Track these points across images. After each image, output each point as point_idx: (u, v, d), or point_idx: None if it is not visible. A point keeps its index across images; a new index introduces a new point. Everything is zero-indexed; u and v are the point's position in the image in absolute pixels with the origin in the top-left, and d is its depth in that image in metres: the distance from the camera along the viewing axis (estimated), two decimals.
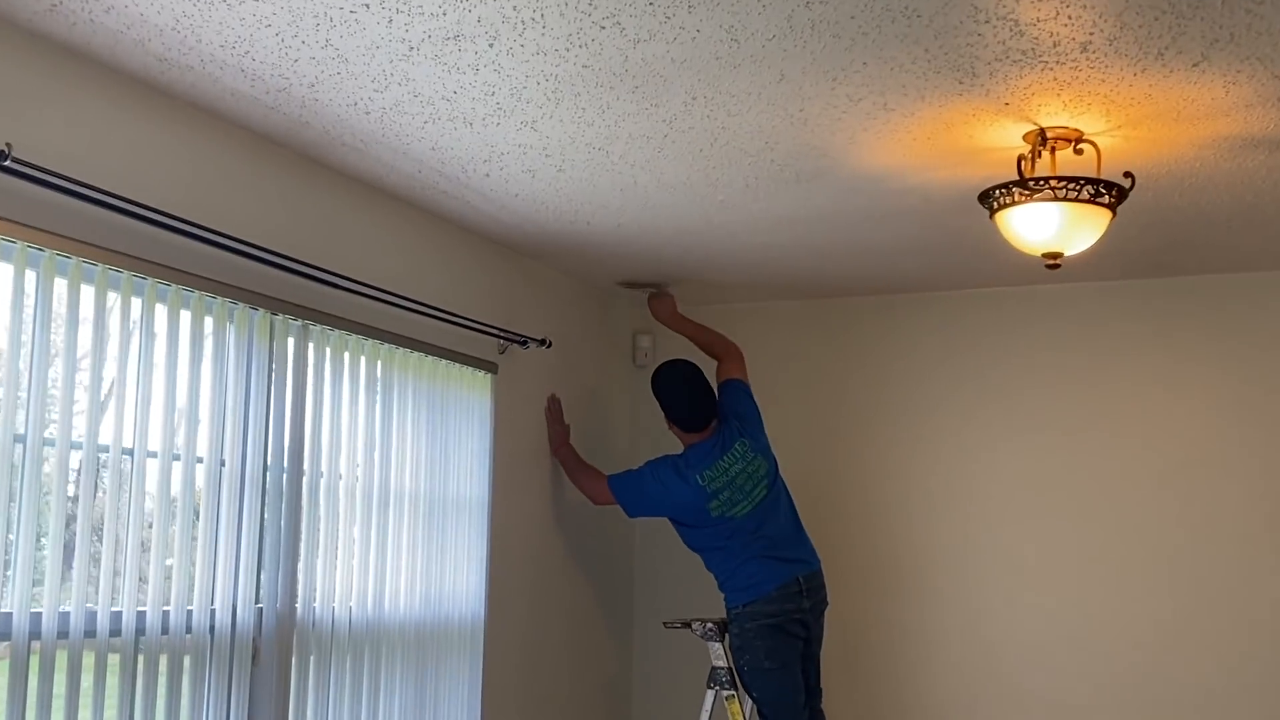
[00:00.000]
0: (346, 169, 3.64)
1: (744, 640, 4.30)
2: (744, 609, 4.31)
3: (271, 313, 3.42)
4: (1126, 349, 4.87)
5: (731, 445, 4.40)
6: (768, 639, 4.28)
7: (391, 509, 3.88)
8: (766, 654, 4.29)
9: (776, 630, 4.29)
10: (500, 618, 4.39)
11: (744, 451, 4.40)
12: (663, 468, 4.43)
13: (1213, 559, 4.66)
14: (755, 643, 4.29)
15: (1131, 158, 3.41)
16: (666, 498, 4.41)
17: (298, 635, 3.49)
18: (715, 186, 3.76)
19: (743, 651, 4.31)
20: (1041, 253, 3.28)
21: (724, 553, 4.37)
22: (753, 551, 4.34)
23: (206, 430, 3.24)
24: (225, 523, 3.28)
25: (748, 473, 4.38)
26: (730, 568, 4.36)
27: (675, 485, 4.37)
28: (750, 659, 4.30)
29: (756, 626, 4.28)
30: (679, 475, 4.37)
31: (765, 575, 4.31)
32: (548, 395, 4.74)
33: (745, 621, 4.30)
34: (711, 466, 4.34)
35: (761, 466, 4.42)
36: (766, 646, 4.29)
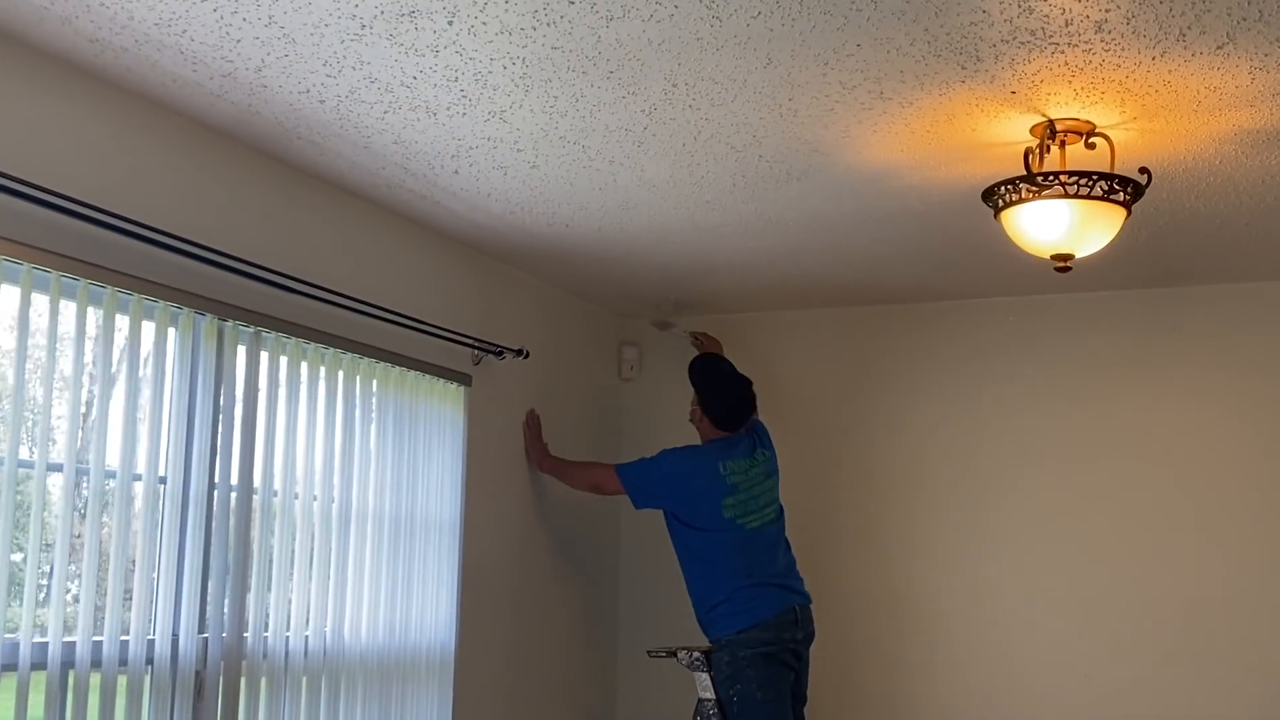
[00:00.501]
0: (304, 165, 3.40)
1: (735, 670, 4.07)
2: (738, 635, 4.08)
3: (220, 318, 3.18)
4: (1136, 362, 4.63)
5: (755, 451, 4.30)
6: (762, 669, 4.06)
7: (353, 530, 3.62)
8: (760, 685, 4.06)
9: (771, 660, 4.08)
10: (472, 647, 4.13)
11: (764, 463, 4.31)
12: (683, 452, 4.29)
13: (1230, 579, 4.40)
14: (748, 672, 4.06)
15: (1146, 154, 3.18)
16: (683, 483, 4.22)
17: (247, 667, 3.23)
18: (700, 186, 3.52)
19: (733, 681, 4.07)
20: (1051, 254, 3.04)
21: (724, 570, 4.15)
22: (756, 577, 4.15)
23: (145, 445, 2.98)
24: (166, 545, 3.03)
25: (764, 486, 4.27)
26: (728, 589, 4.13)
27: (695, 469, 4.21)
28: (742, 689, 4.06)
29: (751, 655, 4.06)
30: (702, 457, 4.23)
31: (767, 601, 4.13)
32: (527, 410, 4.49)
33: (739, 649, 4.07)
34: (735, 459, 4.23)
35: (774, 489, 4.33)
36: (760, 677, 4.06)
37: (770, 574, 4.19)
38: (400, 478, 3.83)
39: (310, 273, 3.45)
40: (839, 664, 4.64)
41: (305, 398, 3.47)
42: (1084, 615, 4.56)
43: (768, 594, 4.14)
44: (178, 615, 3.04)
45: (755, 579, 4.14)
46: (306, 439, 3.45)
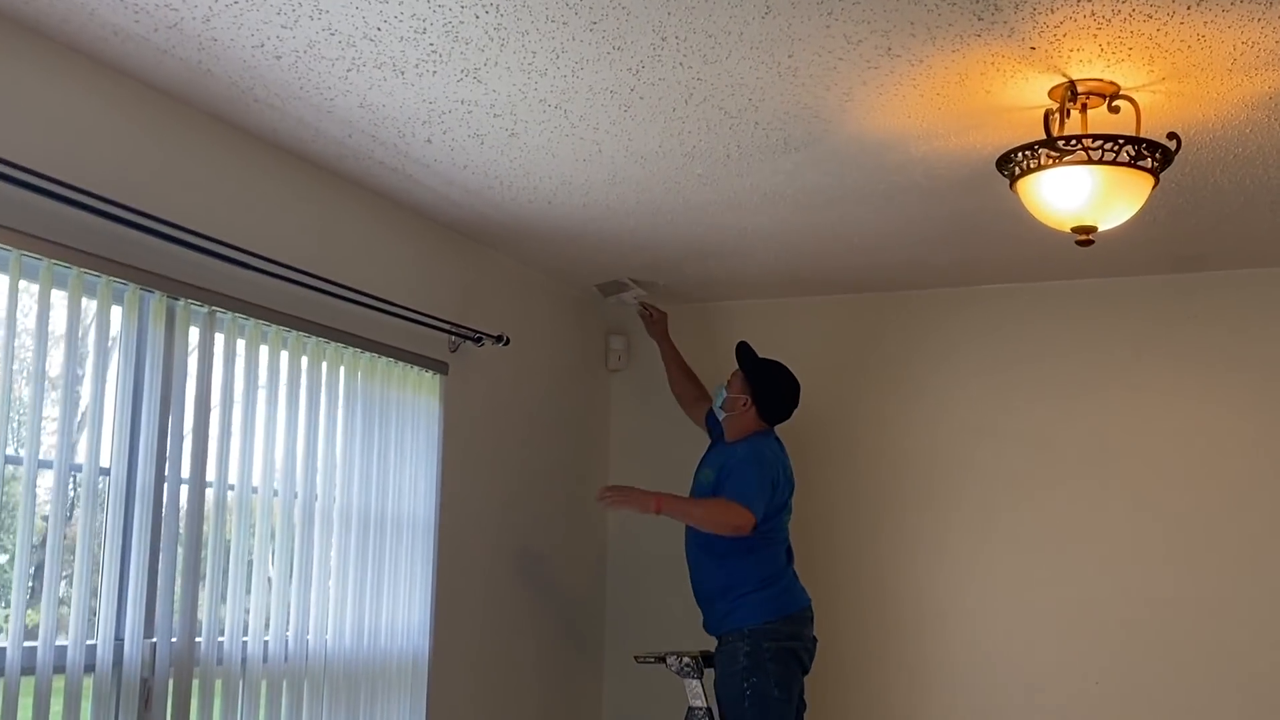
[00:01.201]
0: (263, 131, 3.15)
1: (756, 660, 3.84)
2: (764, 626, 3.87)
3: (170, 296, 2.92)
4: (1150, 352, 4.39)
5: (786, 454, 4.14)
6: (783, 665, 3.87)
7: (318, 528, 3.37)
8: (778, 682, 3.85)
9: (792, 657, 3.90)
10: (448, 652, 3.88)
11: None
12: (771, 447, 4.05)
13: (1249, 571, 4.18)
14: (769, 666, 3.84)
15: (1173, 120, 2.95)
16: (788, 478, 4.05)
17: (200, 674, 2.98)
18: (692, 156, 3.28)
19: (750, 674, 3.83)
20: (1072, 226, 2.80)
21: (763, 559, 3.96)
22: (787, 569, 4.03)
23: (87, 433, 2.74)
24: (109, 543, 2.78)
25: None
26: (763, 578, 3.94)
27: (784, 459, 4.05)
28: (759, 683, 3.83)
29: (775, 648, 3.86)
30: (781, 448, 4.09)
31: (795, 595, 4.01)
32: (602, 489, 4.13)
33: (763, 640, 3.86)
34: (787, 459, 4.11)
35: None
36: (779, 673, 3.86)
37: (791, 570, 4.05)
38: (370, 472, 3.58)
39: (272, 249, 3.20)
40: (833, 661, 4.39)
41: (265, 384, 3.22)
42: (1091, 611, 4.33)
43: (795, 588, 4.01)
44: (122, 618, 2.80)
45: (785, 572, 4.01)
46: (267, 429, 3.20)
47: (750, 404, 4.07)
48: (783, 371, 4.13)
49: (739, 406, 4.09)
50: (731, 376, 4.16)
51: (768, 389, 4.08)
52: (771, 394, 4.08)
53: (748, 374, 4.11)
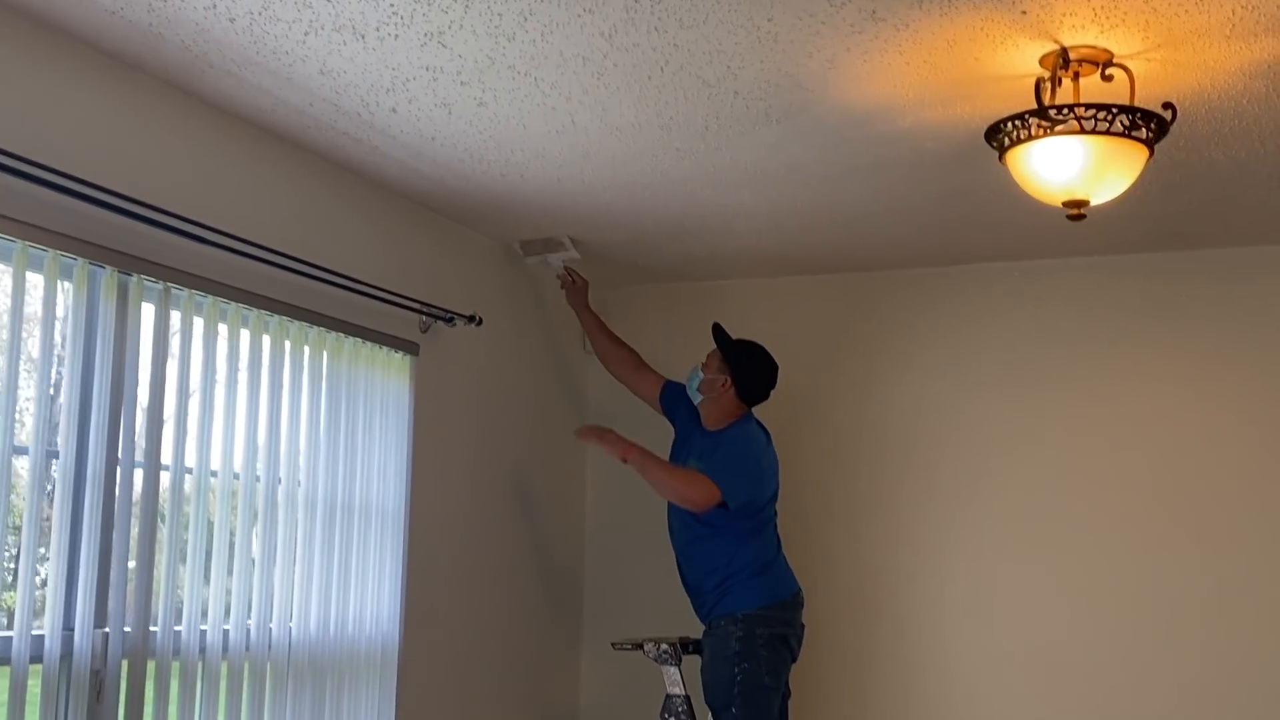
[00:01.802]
0: (220, 99, 3.01)
1: (748, 646, 3.74)
2: (757, 611, 3.78)
3: (123, 271, 2.79)
4: (1141, 331, 4.29)
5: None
6: (774, 652, 3.78)
7: (282, 514, 3.25)
8: (769, 669, 3.76)
9: (784, 644, 3.82)
10: (419, 641, 3.76)
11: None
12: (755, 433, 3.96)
13: (1241, 555, 4.09)
14: (761, 652, 3.75)
15: (1168, 89, 2.84)
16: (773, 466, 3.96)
17: (155, 665, 2.86)
18: (669, 129, 3.15)
19: (742, 659, 3.73)
20: (1063, 200, 2.69)
21: (757, 544, 3.87)
22: (778, 554, 3.94)
23: (32, 415, 2.61)
24: (57, 529, 2.65)
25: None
26: (756, 562, 3.84)
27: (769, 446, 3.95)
28: (750, 668, 3.73)
29: (768, 634, 3.76)
30: (765, 433, 3.98)
31: (787, 580, 3.92)
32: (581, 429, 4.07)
33: (756, 626, 3.76)
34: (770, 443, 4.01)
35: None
36: (771, 661, 3.77)
37: (781, 556, 3.95)
38: (337, 456, 3.46)
39: (232, 223, 3.07)
40: (817, 646, 4.29)
41: (225, 365, 3.09)
42: (1081, 594, 4.23)
43: (786, 575, 3.93)
44: (70, 607, 2.67)
45: (779, 556, 3.92)
46: (226, 411, 3.08)
47: (729, 385, 3.96)
48: (760, 351, 4.01)
49: (718, 388, 3.97)
50: (708, 357, 4.04)
51: (747, 369, 3.97)
52: (750, 374, 3.97)
53: (726, 354, 3.99)
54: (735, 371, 3.97)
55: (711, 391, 3.99)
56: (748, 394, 3.98)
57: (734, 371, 3.97)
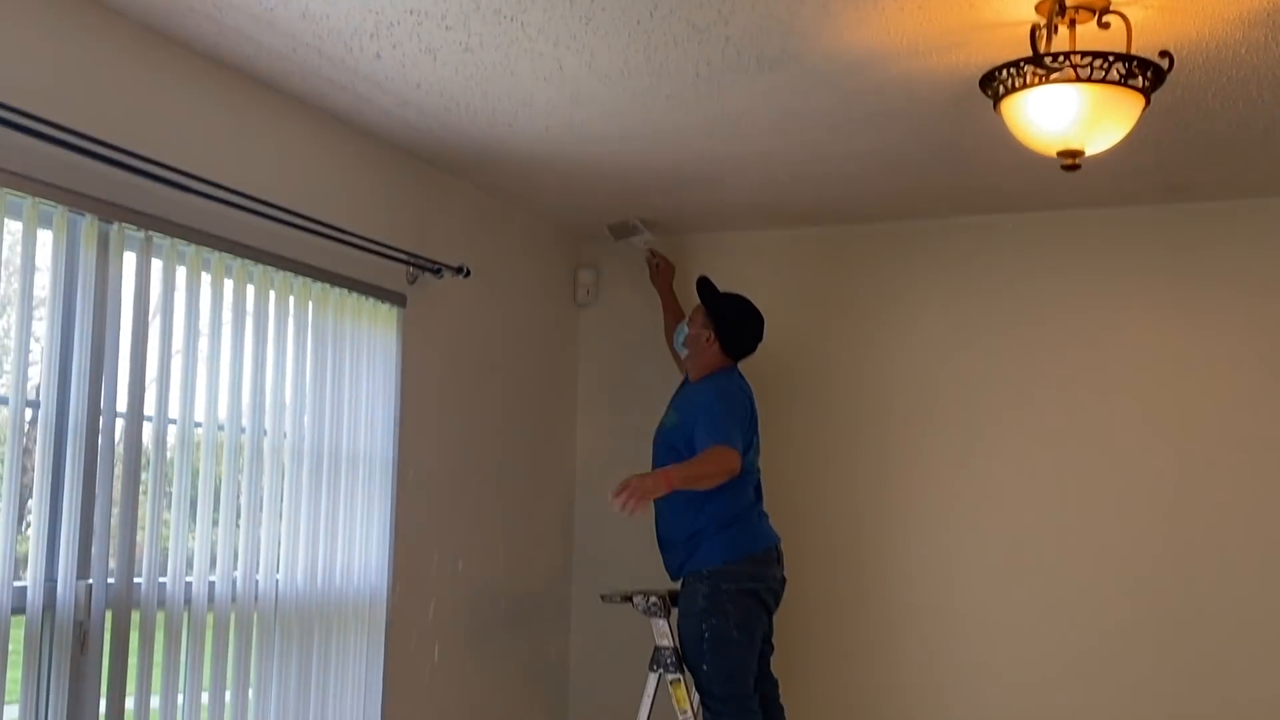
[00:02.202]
0: (202, 45, 2.95)
1: (715, 602, 3.73)
2: (724, 567, 3.75)
3: (103, 219, 2.75)
4: (1136, 286, 4.26)
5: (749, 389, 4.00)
6: (742, 606, 3.75)
7: (268, 464, 3.23)
8: (739, 623, 3.74)
9: (753, 598, 3.78)
10: (408, 592, 3.76)
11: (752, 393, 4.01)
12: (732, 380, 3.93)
13: (1236, 506, 4.08)
14: (728, 607, 3.73)
15: (1165, 38, 2.79)
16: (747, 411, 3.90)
17: (140, 616, 2.85)
18: (659, 76, 3.10)
19: (709, 615, 3.73)
20: (1058, 150, 2.65)
21: (726, 498, 3.79)
22: (751, 509, 3.87)
23: (13, 365, 2.57)
24: (39, 480, 2.63)
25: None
26: (724, 518, 3.79)
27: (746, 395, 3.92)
28: (718, 623, 3.72)
29: (735, 590, 3.74)
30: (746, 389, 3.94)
31: (758, 534, 3.86)
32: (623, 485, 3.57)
33: (723, 581, 3.74)
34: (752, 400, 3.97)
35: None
36: (740, 615, 3.75)
37: (759, 508, 3.92)
38: (323, 407, 3.43)
39: (215, 171, 3.02)
40: (801, 600, 4.30)
41: (208, 314, 3.05)
42: (1073, 551, 4.23)
43: (759, 527, 3.88)
44: (53, 558, 2.65)
45: (750, 511, 3.87)
46: (209, 361, 3.04)
47: (714, 339, 3.94)
48: (745, 304, 3.99)
49: (702, 342, 3.96)
50: (693, 312, 4.03)
51: (730, 322, 3.95)
52: (734, 327, 3.94)
53: (709, 308, 3.97)
54: (718, 324, 3.95)
55: (696, 345, 3.97)
56: (731, 347, 3.96)
57: (717, 325, 3.95)
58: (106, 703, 2.76)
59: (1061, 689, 4.19)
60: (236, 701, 3.09)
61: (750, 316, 3.97)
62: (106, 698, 2.76)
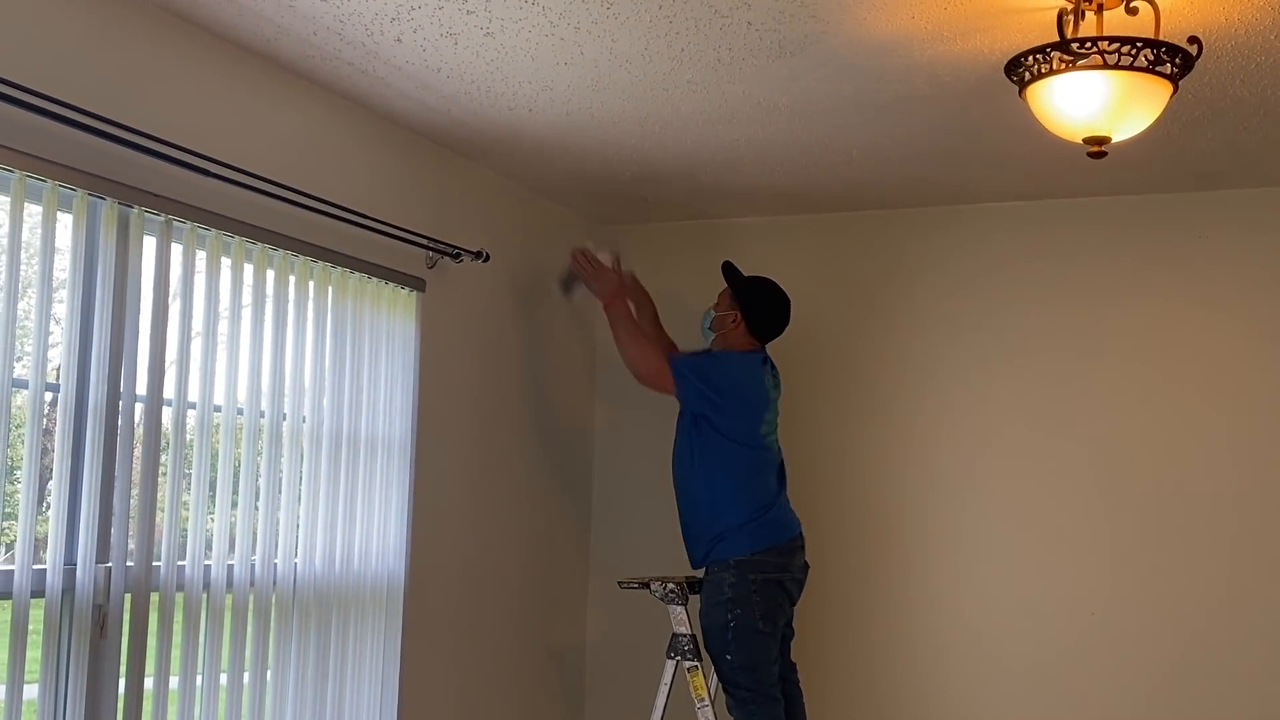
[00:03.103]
0: (222, 27, 2.94)
1: (742, 592, 3.72)
2: (751, 557, 3.74)
3: (123, 203, 2.75)
4: (1159, 275, 4.22)
5: (775, 370, 4.02)
6: (768, 597, 3.75)
7: (286, 448, 3.23)
8: (764, 614, 3.74)
9: (779, 589, 3.79)
10: (425, 577, 3.76)
11: (777, 381, 4.02)
12: (737, 354, 3.94)
13: (1253, 500, 4.05)
14: (755, 598, 3.73)
15: (1194, 22, 2.76)
16: (739, 386, 3.88)
17: (159, 600, 2.86)
18: (680, 61, 3.08)
19: (734, 605, 3.72)
20: (1084, 136, 2.61)
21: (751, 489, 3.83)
22: (775, 499, 3.88)
23: (33, 348, 2.57)
24: (58, 463, 2.63)
25: (778, 407, 3.98)
26: (750, 510, 3.79)
27: (749, 374, 3.89)
28: (743, 614, 3.72)
29: (763, 580, 3.74)
30: (754, 365, 3.92)
31: (783, 525, 3.86)
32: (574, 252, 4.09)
33: (749, 571, 3.74)
34: (769, 374, 3.97)
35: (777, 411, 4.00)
36: (766, 606, 3.75)
37: (782, 498, 3.92)
38: (342, 392, 3.43)
39: (235, 155, 3.02)
40: (820, 587, 4.29)
41: (228, 298, 3.05)
42: (1091, 536, 4.21)
43: (784, 518, 3.88)
44: (73, 542, 2.66)
45: (775, 501, 3.86)
46: (229, 345, 3.04)
47: (740, 320, 3.95)
48: (771, 286, 3.99)
49: (728, 324, 3.96)
50: (720, 296, 4.03)
51: (756, 304, 3.95)
52: (760, 308, 3.95)
53: (735, 290, 3.98)
54: (744, 307, 3.95)
55: (722, 327, 3.98)
56: (758, 328, 3.96)
57: (743, 307, 3.95)
58: (125, 684, 2.77)
59: (1073, 678, 4.17)
60: (255, 684, 3.10)
61: (775, 298, 3.97)
62: (125, 679, 2.77)
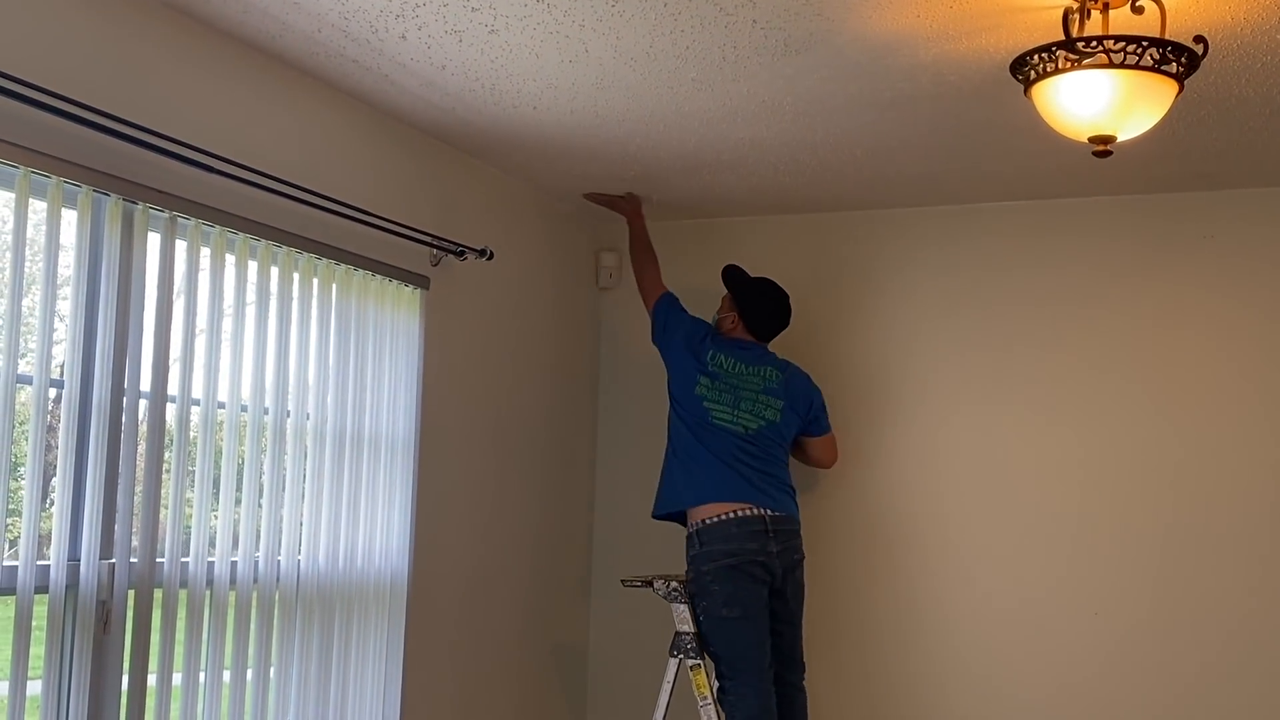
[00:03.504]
0: (228, 24, 2.94)
1: (700, 585, 3.84)
2: (700, 548, 3.81)
3: (128, 200, 2.75)
4: (1163, 275, 4.21)
5: (765, 367, 4.04)
6: (726, 583, 3.79)
7: (291, 445, 3.23)
8: (726, 601, 3.78)
9: (736, 572, 3.80)
10: (428, 575, 3.76)
11: (772, 382, 4.03)
12: (703, 327, 4.08)
13: (1253, 494, 4.05)
14: (712, 587, 3.80)
15: (1200, 21, 2.75)
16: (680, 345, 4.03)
17: (163, 596, 2.86)
18: (685, 59, 3.08)
19: (699, 599, 3.86)
20: (1089, 135, 2.61)
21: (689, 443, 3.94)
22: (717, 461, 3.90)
23: (37, 344, 2.57)
24: (62, 459, 2.63)
25: (760, 398, 3.99)
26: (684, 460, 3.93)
27: (693, 342, 4.01)
28: (708, 606, 3.82)
29: (714, 569, 3.80)
30: (705, 339, 4.03)
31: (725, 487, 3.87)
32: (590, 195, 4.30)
33: (702, 563, 3.82)
34: (729, 356, 4.01)
35: (774, 410, 4.02)
36: (725, 592, 3.78)
37: (735, 467, 3.89)
38: (346, 389, 3.43)
39: (239, 152, 3.02)
40: (818, 594, 4.29)
41: (232, 295, 3.05)
42: (1089, 534, 4.20)
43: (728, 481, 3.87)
44: (77, 538, 2.66)
45: (714, 462, 3.88)
46: (233, 342, 3.04)
47: (738, 321, 4.07)
48: (768, 286, 4.09)
49: (727, 325, 4.10)
50: (721, 300, 4.17)
51: (751, 302, 4.06)
52: (755, 306, 4.06)
53: (732, 292, 4.10)
54: (742, 306, 4.07)
55: (724, 329, 4.11)
56: (757, 327, 4.06)
57: (740, 306, 4.07)
58: (129, 680, 2.78)
59: (1076, 678, 4.17)
60: (258, 681, 3.10)
61: (772, 298, 4.08)
62: (129, 675, 2.77)
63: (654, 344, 4.14)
